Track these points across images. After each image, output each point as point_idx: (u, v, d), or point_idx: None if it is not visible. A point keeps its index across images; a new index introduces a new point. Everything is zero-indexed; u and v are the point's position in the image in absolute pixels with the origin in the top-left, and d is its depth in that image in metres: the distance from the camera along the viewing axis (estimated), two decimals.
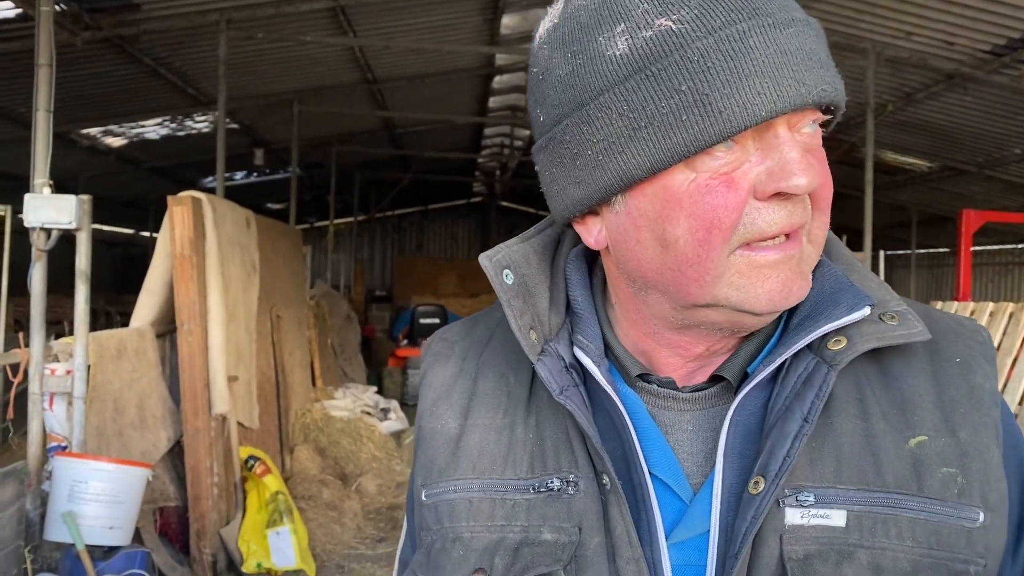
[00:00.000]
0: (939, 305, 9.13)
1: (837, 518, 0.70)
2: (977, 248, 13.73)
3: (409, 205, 22.56)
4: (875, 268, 9.14)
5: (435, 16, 8.52)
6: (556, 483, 0.75)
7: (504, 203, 23.54)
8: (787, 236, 0.69)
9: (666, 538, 0.72)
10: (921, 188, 13.32)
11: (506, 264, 0.80)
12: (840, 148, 11.22)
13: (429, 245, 24.10)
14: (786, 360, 0.73)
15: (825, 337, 0.73)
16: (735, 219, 0.67)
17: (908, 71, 8.33)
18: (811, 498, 0.70)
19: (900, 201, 14.60)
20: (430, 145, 15.15)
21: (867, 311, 0.72)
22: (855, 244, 8.99)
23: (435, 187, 20.32)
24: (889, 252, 12.53)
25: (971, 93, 8.37)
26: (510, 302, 0.78)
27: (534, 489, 0.76)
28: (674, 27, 0.66)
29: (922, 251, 17.92)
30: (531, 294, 0.80)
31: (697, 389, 0.77)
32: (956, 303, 6.27)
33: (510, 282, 0.79)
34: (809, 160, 0.67)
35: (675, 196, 0.68)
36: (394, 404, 9.81)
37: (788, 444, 0.70)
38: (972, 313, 5.51)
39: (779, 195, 0.67)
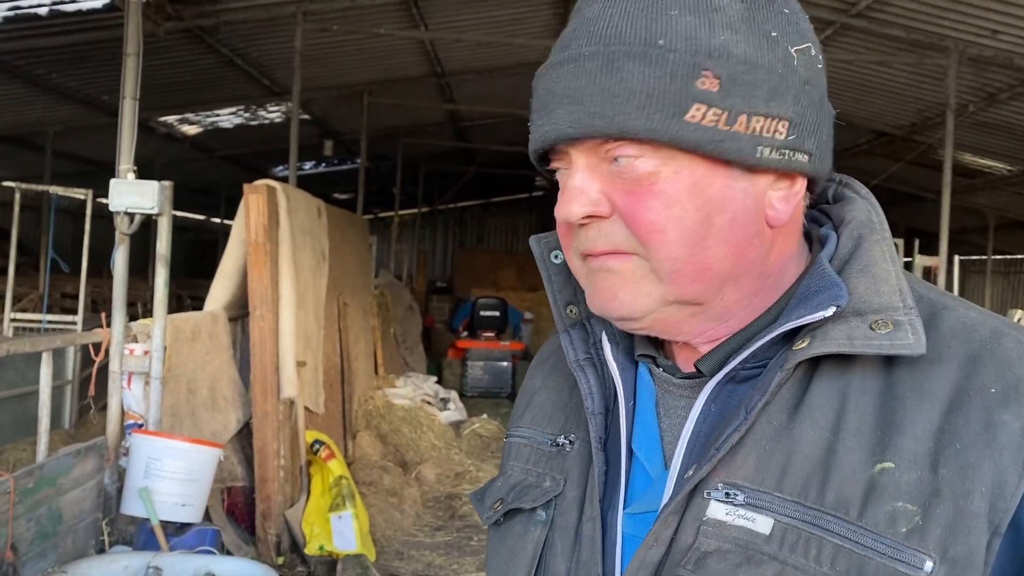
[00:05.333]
0: (1017, 315, 8.79)
1: (763, 525, 0.68)
2: None
3: (471, 198, 22.66)
4: (949, 273, 8.85)
5: (506, 10, 8.55)
6: (562, 440, 0.86)
7: None
8: (612, 253, 0.74)
9: (624, 508, 0.78)
10: (1000, 192, 12.86)
11: (557, 247, 0.87)
12: (917, 149, 10.91)
13: (490, 238, 24.16)
14: (770, 356, 0.75)
15: (796, 335, 0.72)
16: (565, 231, 0.77)
17: (992, 71, 8.05)
18: (741, 497, 0.69)
19: (977, 205, 14.13)
20: (495, 138, 15.20)
21: (830, 311, 0.69)
22: (929, 248, 8.75)
23: (497, 180, 20.37)
24: (963, 257, 12.15)
25: None
26: (551, 278, 0.88)
27: (552, 443, 0.87)
28: None
29: (998, 257, 17.33)
30: None
31: (690, 376, 0.79)
32: None
33: (558, 262, 0.87)
34: (577, 191, 0.73)
35: None
36: (453, 395, 9.89)
37: (722, 437, 0.70)
38: None
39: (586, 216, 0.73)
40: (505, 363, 12.19)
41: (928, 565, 0.63)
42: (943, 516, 0.64)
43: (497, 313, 12.97)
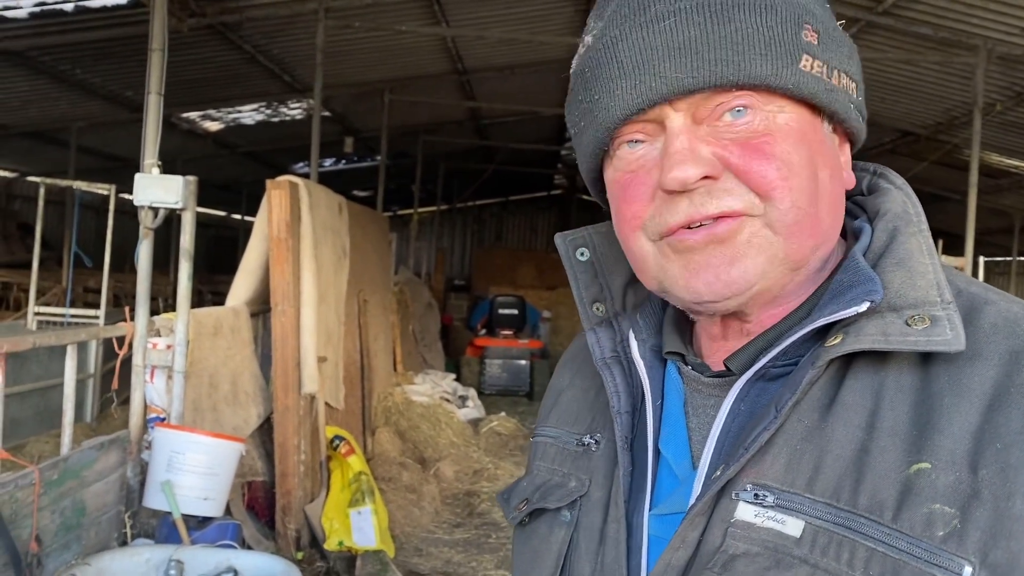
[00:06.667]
0: None
1: (793, 527, 0.66)
2: None
3: (490, 196, 22.66)
4: (974, 275, 8.75)
5: (529, 6, 8.53)
6: (588, 440, 0.85)
7: (584, 196, 23.41)
8: (718, 219, 0.70)
9: (650, 509, 0.76)
10: None
11: (583, 244, 0.88)
12: (942, 149, 10.78)
13: (508, 236, 24.17)
14: (801, 353, 0.72)
15: (828, 332, 0.70)
16: (637, 211, 0.73)
17: (1021, 69, 7.94)
18: (771, 499, 0.67)
19: (1002, 206, 13.96)
20: (514, 136, 15.19)
21: (863, 307, 0.67)
22: (954, 249, 8.64)
23: (516, 178, 20.36)
24: (988, 258, 12.00)
25: None
26: (577, 276, 0.87)
27: (578, 443, 0.86)
28: (589, 42, 0.75)
29: None
30: (606, 272, 0.88)
31: (719, 375, 0.77)
32: None
33: (584, 259, 0.87)
34: (688, 152, 0.69)
35: (610, 191, 0.77)
36: (472, 392, 9.89)
37: (751, 436, 0.69)
38: None
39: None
40: (523, 361, 12.17)
41: (967, 570, 0.60)
42: (983, 519, 0.61)
43: (515, 311, 12.95)
